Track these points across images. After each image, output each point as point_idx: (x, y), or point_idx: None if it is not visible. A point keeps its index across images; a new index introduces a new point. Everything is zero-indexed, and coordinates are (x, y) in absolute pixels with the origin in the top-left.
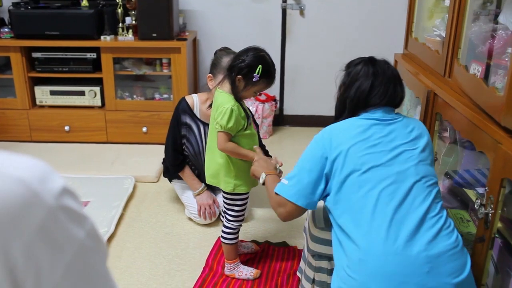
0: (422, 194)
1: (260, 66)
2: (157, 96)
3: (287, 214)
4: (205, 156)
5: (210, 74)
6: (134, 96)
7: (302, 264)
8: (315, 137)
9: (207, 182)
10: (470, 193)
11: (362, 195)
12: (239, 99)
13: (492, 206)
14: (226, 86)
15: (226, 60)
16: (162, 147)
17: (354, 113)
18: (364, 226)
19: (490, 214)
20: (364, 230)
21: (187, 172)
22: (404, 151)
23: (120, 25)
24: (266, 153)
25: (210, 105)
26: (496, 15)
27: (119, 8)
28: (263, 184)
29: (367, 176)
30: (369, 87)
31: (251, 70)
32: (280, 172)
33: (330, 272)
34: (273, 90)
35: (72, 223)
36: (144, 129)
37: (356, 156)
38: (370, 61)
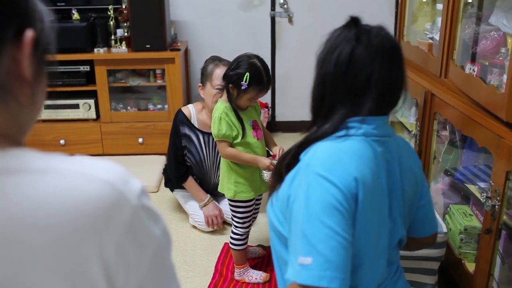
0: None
1: (247, 74)
2: (151, 107)
3: None
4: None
5: (200, 84)
6: (129, 108)
7: None
8: (312, 180)
9: (218, 189)
10: (472, 188)
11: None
12: (236, 108)
13: (498, 198)
14: (224, 95)
15: (211, 68)
16: (160, 157)
17: (341, 102)
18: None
19: (496, 206)
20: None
21: (191, 183)
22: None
23: (113, 37)
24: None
25: None
26: (479, 18)
27: (111, 20)
28: None
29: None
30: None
31: (239, 78)
32: None
33: None
34: (265, 97)
35: (151, 222)
36: (140, 140)
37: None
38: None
